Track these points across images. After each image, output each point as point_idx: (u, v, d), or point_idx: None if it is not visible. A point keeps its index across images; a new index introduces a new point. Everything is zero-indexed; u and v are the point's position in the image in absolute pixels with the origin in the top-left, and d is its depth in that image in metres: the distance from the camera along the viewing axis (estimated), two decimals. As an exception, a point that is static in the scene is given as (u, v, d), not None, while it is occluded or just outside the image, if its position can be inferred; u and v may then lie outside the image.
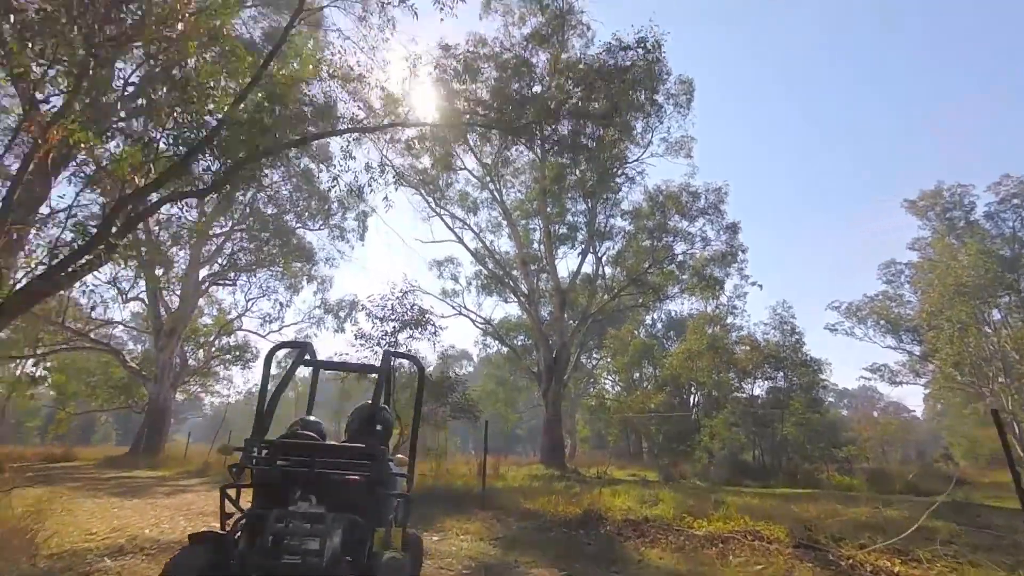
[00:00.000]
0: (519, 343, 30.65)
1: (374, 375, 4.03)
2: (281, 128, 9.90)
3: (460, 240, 24.07)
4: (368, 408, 3.38)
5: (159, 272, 23.66)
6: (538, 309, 23.63)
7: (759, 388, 24.22)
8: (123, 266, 24.63)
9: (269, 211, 25.30)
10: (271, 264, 24.91)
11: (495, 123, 14.33)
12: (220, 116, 8.36)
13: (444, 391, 14.14)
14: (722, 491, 12.28)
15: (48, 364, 23.89)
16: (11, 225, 6.96)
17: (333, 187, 13.33)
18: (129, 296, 25.38)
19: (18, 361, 23.18)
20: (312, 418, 3.49)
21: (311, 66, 11.02)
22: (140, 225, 23.66)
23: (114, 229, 7.40)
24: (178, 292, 24.10)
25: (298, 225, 25.69)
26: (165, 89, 8.67)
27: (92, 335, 23.26)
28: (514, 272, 24.30)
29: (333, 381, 21.67)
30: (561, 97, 14.55)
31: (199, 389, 37.95)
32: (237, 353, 25.93)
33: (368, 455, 2.86)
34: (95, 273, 25.03)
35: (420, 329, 13.80)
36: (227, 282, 25.05)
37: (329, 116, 12.29)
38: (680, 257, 21.87)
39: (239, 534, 2.71)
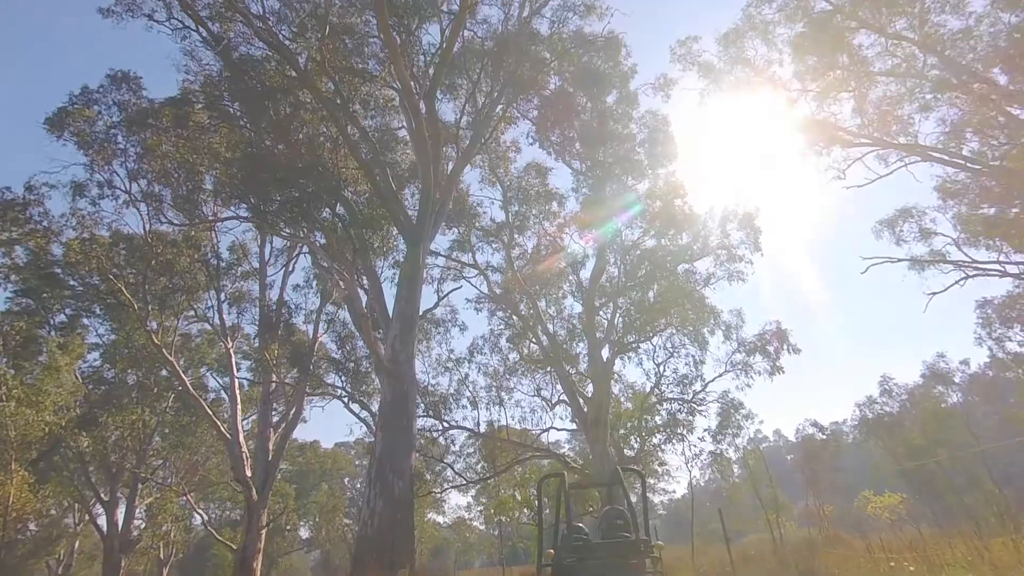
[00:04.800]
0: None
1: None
2: None
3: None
4: (612, 511, 4.77)
5: (568, 368, 23.05)
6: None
7: None
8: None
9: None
10: (662, 318, 21.53)
11: None
12: None
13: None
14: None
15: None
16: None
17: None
18: (553, 402, 25.60)
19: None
20: (579, 525, 4.86)
21: None
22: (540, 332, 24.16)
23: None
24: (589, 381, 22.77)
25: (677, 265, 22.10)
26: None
27: (534, 445, 23.54)
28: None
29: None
30: None
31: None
32: (668, 431, 22.36)
33: (637, 548, 4.16)
34: (521, 390, 26.25)
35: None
36: (629, 353, 22.61)
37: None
38: None
39: None
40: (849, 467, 49.79)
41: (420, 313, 13.63)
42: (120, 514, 26.51)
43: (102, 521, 25.96)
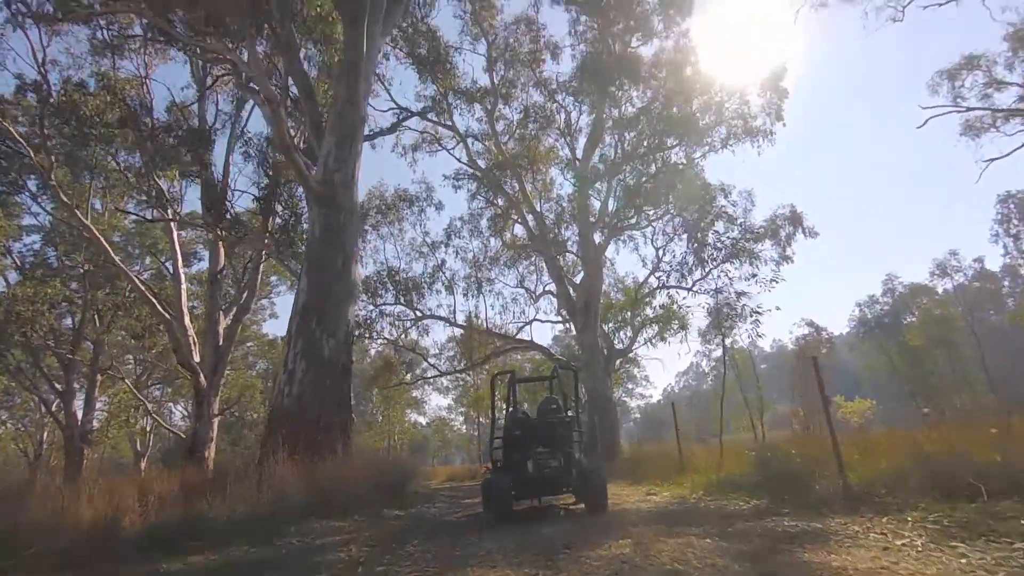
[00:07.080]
0: None
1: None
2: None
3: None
4: (548, 399, 6.64)
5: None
6: None
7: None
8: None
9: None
10: (661, 198, 19.02)
11: None
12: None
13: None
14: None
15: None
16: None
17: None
18: (537, 294, 23.62)
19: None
20: (524, 406, 7.12)
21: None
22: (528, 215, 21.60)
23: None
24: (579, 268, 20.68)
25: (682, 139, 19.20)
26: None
27: (516, 337, 21.84)
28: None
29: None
30: None
31: (621, 394, 34.93)
32: (661, 323, 20.64)
33: (565, 422, 6.18)
34: (504, 282, 24.13)
35: None
36: (623, 236, 20.33)
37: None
38: None
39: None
40: (839, 369, 49.69)
41: (371, 131, 10.73)
42: (79, 405, 25.05)
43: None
